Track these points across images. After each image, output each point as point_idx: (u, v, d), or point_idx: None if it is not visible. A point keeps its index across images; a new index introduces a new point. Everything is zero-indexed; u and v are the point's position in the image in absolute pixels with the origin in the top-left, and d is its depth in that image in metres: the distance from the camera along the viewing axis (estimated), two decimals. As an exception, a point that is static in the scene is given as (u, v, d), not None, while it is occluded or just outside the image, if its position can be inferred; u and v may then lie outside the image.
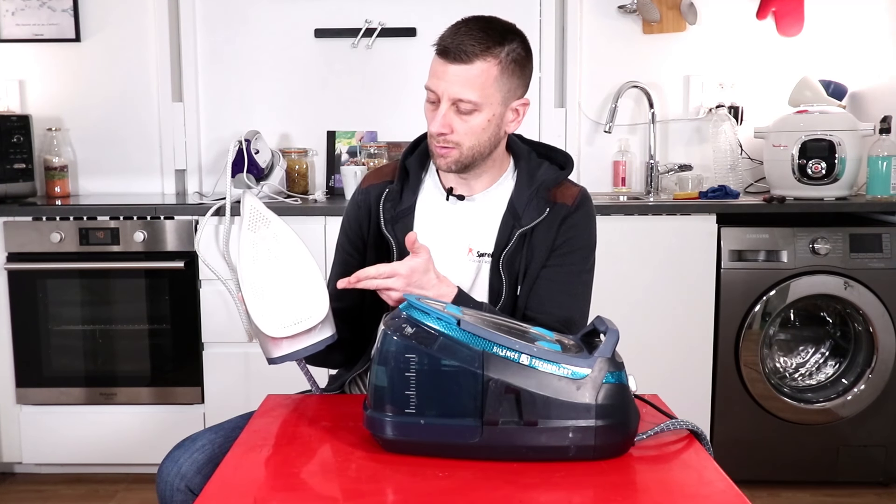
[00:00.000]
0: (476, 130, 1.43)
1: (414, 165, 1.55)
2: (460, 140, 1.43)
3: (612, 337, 1.11)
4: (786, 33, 3.03)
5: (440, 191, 1.53)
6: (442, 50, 1.40)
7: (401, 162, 1.56)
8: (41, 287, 2.62)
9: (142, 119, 3.08)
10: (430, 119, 1.44)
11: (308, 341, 1.23)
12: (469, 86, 1.39)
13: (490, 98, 1.41)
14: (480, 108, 1.41)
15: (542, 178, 1.51)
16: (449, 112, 1.41)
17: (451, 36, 1.40)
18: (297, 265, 1.21)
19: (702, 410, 2.61)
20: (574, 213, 1.51)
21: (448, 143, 1.43)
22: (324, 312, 1.22)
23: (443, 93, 1.40)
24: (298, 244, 1.23)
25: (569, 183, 1.55)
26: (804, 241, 2.54)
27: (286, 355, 1.23)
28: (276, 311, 1.20)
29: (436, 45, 1.42)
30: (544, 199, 1.49)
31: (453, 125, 1.42)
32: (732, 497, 1.00)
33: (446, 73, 1.40)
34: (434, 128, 1.42)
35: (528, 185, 1.50)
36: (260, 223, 1.22)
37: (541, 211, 1.48)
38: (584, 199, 1.53)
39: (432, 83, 1.42)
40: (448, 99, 1.40)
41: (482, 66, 1.39)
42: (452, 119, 1.41)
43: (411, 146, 1.58)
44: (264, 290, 1.20)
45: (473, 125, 1.42)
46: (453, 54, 1.39)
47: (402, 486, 1.05)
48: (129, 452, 2.66)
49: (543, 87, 3.07)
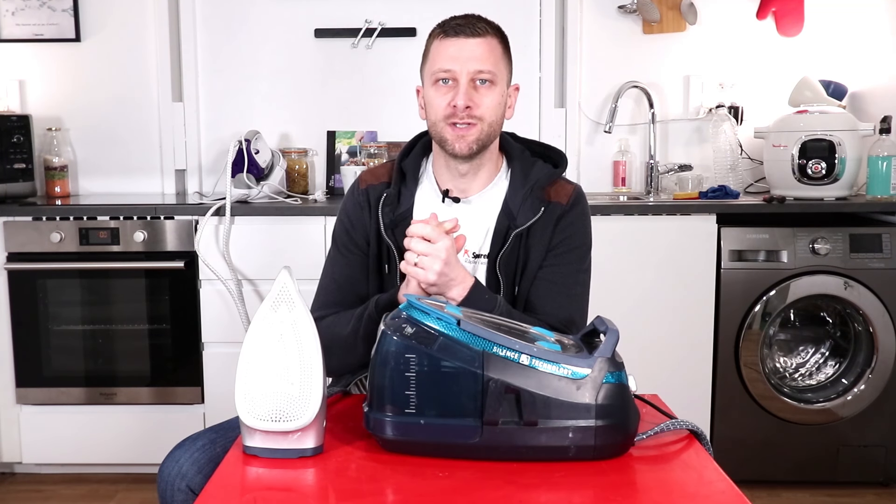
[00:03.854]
0: (493, 105, 1.46)
1: (410, 167, 1.55)
2: (483, 114, 1.45)
3: (612, 337, 1.11)
4: (786, 33, 3.03)
5: (436, 193, 1.53)
6: (453, 29, 1.44)
7: (397, 164, 1.55)
8: (41, 287, 2.62)
9: (142, 119, 3.08)
10: (447, 100, 1.44)
11: (284, 444, 1.11)
12: (486, 58, 1.44)
13: (501, 73, 1.47)
14: (496, 82, 1.46)
15: (535, 177, 1.51)
16: (469, 88, 1.43)
17: (457, 19, 1.46)
18: (302, 362, 1.11)
19: (702, 410, 2.60)
20: (569, 212, 1.51)
21: (472, 117, 1.44)
22: (308, 421, 1.10)
23: (461, 69, 1.43)
24: (313, 342, 1.12)
25: (563, 181, 1.55)
26: (804, 241, 2.54)
27: (257, 448, 1.12)
28: (259, 399, 1.11)
29: (441, 32, 1.46)
30: (539, 199, 1.49)
31: (474, 99, 1.44)
32: (732, 497, 1.00)
33: (463, 48, 1.43)
34: (460, 101, 1.42)
35: (522, 185, 1.51)
36: (284, 304, 1.12)
37: (535, 211, 1.48)
38: (579, 198, 1.53)
39: (447, 63, 1.44)
40: (467, 74, 1.43)
41: (493, 41, 1.46)
42: (472, 94, 1.44)
43: (407, 148, 1.58)
44: (257, 372, 1.11)
45: (492, 99, 1.45)
46: (468, 30, 1.44)
47: (402, 486, 1.05)
48: (129, 452, 2.66)
49: (543, 87, 3.07)
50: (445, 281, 1.35)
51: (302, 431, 1.11)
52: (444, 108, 1.44)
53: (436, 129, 1.48)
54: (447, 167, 1.52)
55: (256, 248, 2.58)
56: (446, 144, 1.47)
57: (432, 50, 1.48)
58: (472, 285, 1.38)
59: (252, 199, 2.68)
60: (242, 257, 2.58)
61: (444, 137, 1.47)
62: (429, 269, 1.33)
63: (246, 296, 2.59)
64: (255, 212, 2.58)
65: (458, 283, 1.37)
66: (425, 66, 1.50)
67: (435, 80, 1.46)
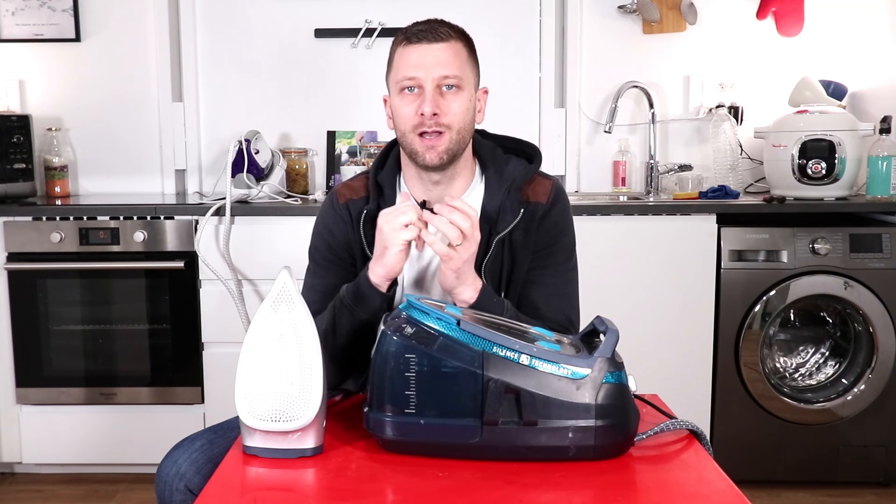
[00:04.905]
0: (461, 111, 1.42)
1: (387, 181, 1.51)
2: (451, 122, 1.41)
3: (612, 337, 1.11)
4: (786, 33, 3.03)
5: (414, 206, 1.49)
6: (415, 35, 1.41)
7: (372, 179, 1.51)
8: (41, 287, 2.62)
9: (142, 119, 3.08)
10: (413, 108, 1.41)
11: (283, 444, 1.12)
12: (451, 62, 1.41)
13: (467, 77, 1.44)
14: (462, 87, 1.42)
15: (511, 177, 1.48)
16: (435, 94, 1.40)
17: (420, 25, 1.43)
18: (302, 362, 1.11)
19: (702, 410, 2.60)
20: (550, 211, 1.49)
21: (440, 125, 1.40)
22: (308, 421, 1.11)
23: (426, 76, 1.40)
24: (313, 342, 1.12)
25: (540, 177, 1.51)
26: (804, 241, 2.54)
27: (257, 448, 1.12)
28: (259, 399, 1.11)
29: (404, 39, 1.43)
30: (517, 200, 1.47)
31: (441, 106, 1.40)
32: (732, 497, 1.00)
33: (426, 54, 1.40)
34: (427, 108, 1.39)
35: (499, 187, 1.48)
36: (284, 304, 1.12)
37: (515, 213, 1.45)
38: (559, 194, 1.51)
39: (411, 70, 1.41)
40: (432, 80, 1.40)
41: (457, 45, 1.43)
42: (439, 101, 1.40)
43: (380, 161, 1.54)
44: (257, 372, 1.11)
45: (459, 105, 1.42)
46: (431, 35, 1.41)
47: (402, 486, 1.05)
48: (129, 452, 2.66)
49: (543, 87, 3.06)
50: (462, 276, 1.33)
51: (302, 431, 1.11)
52: (411, 118, 1.41)
53: (405, 141, 1.44)
54: (419, 179, 1.48)
55: (256, 248, 2.58)
56: (416, 156, 1.43)
57: (396, 58, 1.44)
58: (482, 288, 1.37)
59: (252, 199, 2.68)
60: (242, 257, 2.58)
61: (413, 149, 1.43)
62: (460, 256, 1.30)
63: (246, 296, 2.59)
64: (255, 212, 2.58)
65: (469, 284, 1.35)
66: (390, 75, 1.46)
67: (400, 89, 1.42)
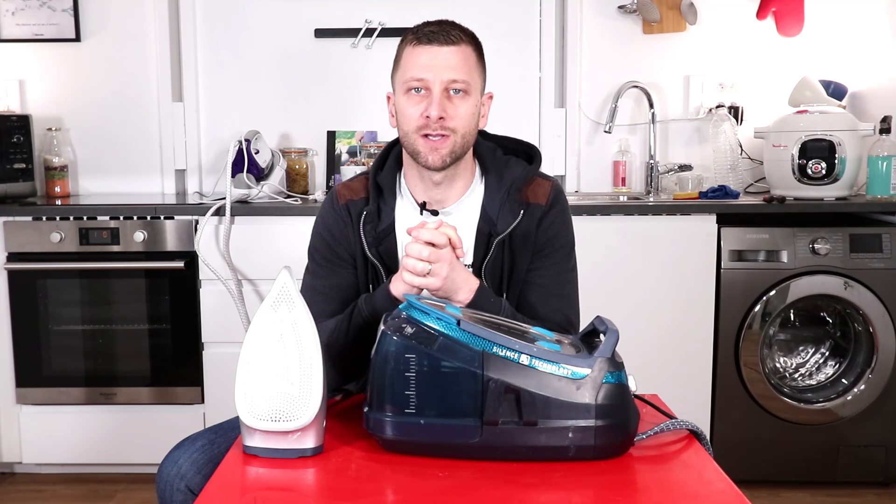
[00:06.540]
0: (467, 116, 1.41)
1: (386, 182, 1.50)
2: (456, 126, 1.40)
3: (612, 337, 1.11)
4: (786, 33, 3.03)
5: (413, 206, 1.49)
6: (426, 37, 1.40)
7: (372, 179, 1.50)
8: (41, 287, 2.62)
9: (142, 119, 3.08)
10: (419, 110, 1.40)
11: (283, 444, 1.12)
12: (460, 67, 1.40)
13: (475, 82, 1.43)
14: (470, 92, 1.42)
15: (511, 179, 1.48)
16: (442, 98, 1.39)
17: (431, 26, 1.42)
18: (302, 362, 1.11)
19: (702, 410, 2.60)
20: (549, 212, 1.49)
21: (445, 129, 1.40)
22: (308, 421, 1.11)
23: (434, 78, 1.39)
24: (313, 342, 1.12)
25: (539, 178, 1.51)
26: (804, 241, 2.54)
27: (257, 448, 1.12)
28: (258, 399, 1.11)
29: (414, 38, 1.41)
30: (517, 202, 1.47)
31: (448, 110, 1.40)
32: (732, 497, 1.00)
33: (436, 56, 1.39)
34: (433, 111, 1.38)
35: (499, 189, 1.48)
36: (284, 304, 1.12)
37: (515, 214, 1.46)
38: (558, 195, 1.51)
39: (419, 72, 1.40)
40: (441, 83, 1.39)
41: (467, 49, 1.42)
42: (446, 105, 1.40)
43: (380, 161, 1.53)
44: (257, 372, 1.11)
45: (465, 110, 1.41)
46: (442, 38, 1.39)
47: (402, 486, 1.05)
48: (129, 452, 2.66)
49: (543, 87, 3.06)
50: (451, 285, 1.33)
51: (302, 431, 1.11)
52: (416, 119, 1.40)
53: (408, 140, 1.43)
54: (420, 178, 1.47)
55: (256, 248, 2.58)
56: (419, 157, 1.42)
57: (405, 56, 1.43)
58: (477, 287, 1.37)
59: (252, 199, 2.68)
60: (242, 257, 2.58)
61: (416, 149, 1.42)
62: (437, 276, 1.31)
63: (246, 296, 2.59)
64: (255, 212, 2.58)
65: (463, 285, 1.35)
66: (396, 74, 1.45)
67: (407, 89, 1.41)
